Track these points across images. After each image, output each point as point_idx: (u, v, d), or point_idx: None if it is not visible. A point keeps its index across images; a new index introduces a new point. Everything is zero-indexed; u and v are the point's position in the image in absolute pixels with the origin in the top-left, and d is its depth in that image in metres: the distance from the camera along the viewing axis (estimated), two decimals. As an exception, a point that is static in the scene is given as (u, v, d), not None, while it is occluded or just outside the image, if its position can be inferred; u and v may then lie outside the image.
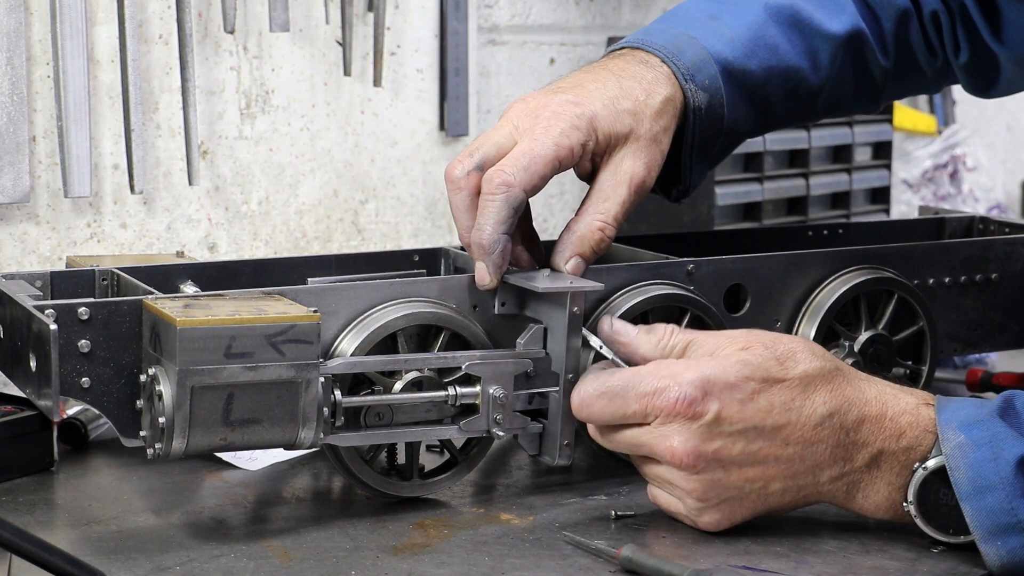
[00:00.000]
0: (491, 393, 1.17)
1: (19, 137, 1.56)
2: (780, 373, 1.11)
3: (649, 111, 1.25)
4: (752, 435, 1.10)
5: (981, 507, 1.06)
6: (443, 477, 1.23)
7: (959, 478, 1.07)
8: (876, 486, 1.11)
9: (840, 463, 1.11)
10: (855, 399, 1.11)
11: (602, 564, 1.09)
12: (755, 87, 1.35)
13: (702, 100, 1.30)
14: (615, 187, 1.23)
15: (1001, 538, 1.06)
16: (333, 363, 1.14)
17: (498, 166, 1.18)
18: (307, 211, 1.83)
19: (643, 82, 1.26)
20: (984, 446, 1.07)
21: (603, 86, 1.25)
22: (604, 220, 1.23)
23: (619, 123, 1.23)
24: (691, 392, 1.09)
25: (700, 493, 1.11)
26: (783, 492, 1.12)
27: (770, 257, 1.35)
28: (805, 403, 1.11)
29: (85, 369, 1.09)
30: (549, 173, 1.19)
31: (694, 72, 1.29)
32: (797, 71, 1.37)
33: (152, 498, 1.24)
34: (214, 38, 1.72)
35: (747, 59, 1.34)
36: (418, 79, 1.91)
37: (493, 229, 1.18)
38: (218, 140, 1.74)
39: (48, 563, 0.97)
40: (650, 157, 1.24)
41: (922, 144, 2.54)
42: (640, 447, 1.13)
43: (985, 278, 1.48)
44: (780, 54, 1.36)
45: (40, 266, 1.61)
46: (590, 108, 1.22)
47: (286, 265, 1.32)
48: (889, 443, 1.10)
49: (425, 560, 1.09)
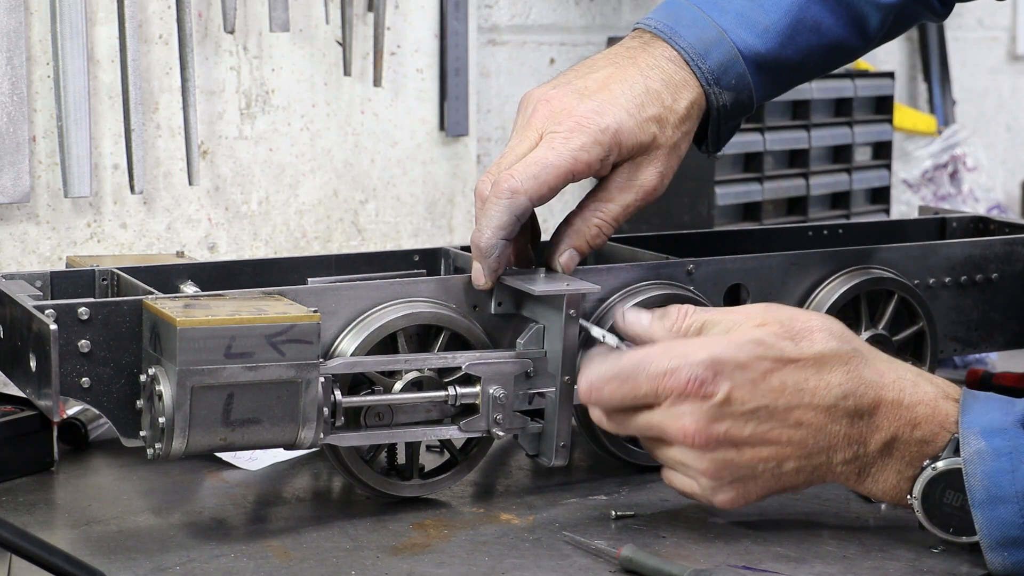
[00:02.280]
0: (491, 393, 1.17)
1: (19, 137, 1.56)
2: (794, 352, 1.09)
3: (674, 117, 1.23)
4: (763, 415, 1.09)
5: (992, 517, 1.06)
6: (443, 477, 1.23)
7: (974, 485, 1.06)
8: (885, 472, 1.10)
9: (854, 446, 1.10)
10: (872, 382, 1.10)
11: (602, 564, 1.09)
12: (791, 69, 1.31)
13: (727, 99, 1.27)
14: (623, 190, 1.22)
15: (1009, 549, 1.06)
16: (333, 363, 1.14)
17: (509, 170, 1.17)
18: (307, 211, 1.83)
19: (670, 84, 1.23)
20: (1003, 457, 1.06)
21: (630, 89, 1.22)
22: (603, 219, 1.22)
23: (643, 133, 1.21)
24: (701, 372, 1.08)
25: (713, 472, 1.10)
26: (797, 472, 1.11)
27: (770, 257, 1.35)
28: (820, 383, 1.09)
29: (85, 369, 1.09)
30: (560, 185, 1.17)
31: (720, 75, 1.26)
32: (839, 43, 1.32)
33: (152, 498, 1.24)
34: (214, 38, 1.72)
35: (782, 48, 1.28)
36: (418, 79, 1.91)
37: (492, 233, 1.17)
38: (218, 140, 1.74)
39: (48, 563, 0.97)
40: (667, 166, 1.23)
41: (922, 144, 2.54)
42: (652, 429, 1.11)
43: (985, 278, 1.48)
44: (823, 32, 1.31)
45: (40, 266, 1.61)
46: (615, 119, 1.19)
47: (286, 265, 1.32)
48: (903, 431, 1.09)
49: (425, 560, 1.09)
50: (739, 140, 1.91)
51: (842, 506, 1.22)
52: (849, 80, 2.06)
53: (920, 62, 2.71)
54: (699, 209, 1.89)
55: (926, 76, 2.70)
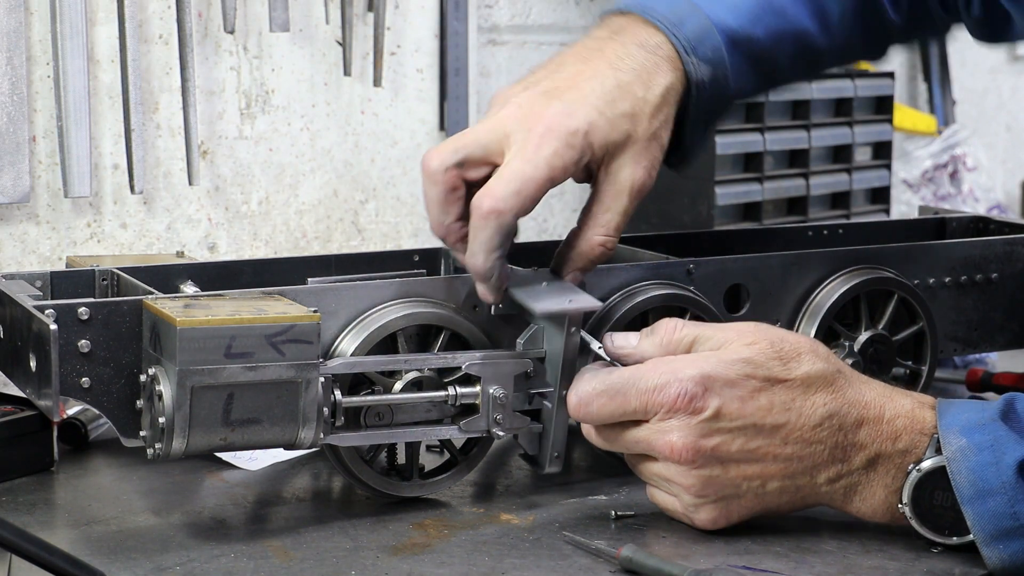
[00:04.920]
0: (491, 393, 1.17)
1: (19, 137, 1.56)
2: (783, 373, 1.11)
3: (648, 108, 1.20)
4: (751, 433, 1.10)
5: (983, 511, 1.06)
6: (443, 477, 1.23)
7: (960, 482, 1.07)
8: (872, 489, 1.11)
9: (838, 464, 1.11)
10: (855, 401, 1.11)
11: (602, 564, 1.09)
12: (762, 53, 1.30)
13: (705, 72, 1.24)
14: (615, 197, 1.20)
15: (1003, 542, 1.06)
16: (333, 363, 1.13)
17: (488, 189, 1.14)
18: (307, 211, 1.83)
19: (642, 73, 1.21)
20: (986, 450, 1.06)
21: (600, 85, 1.19)
22: (605, 234, 1.21)
23: (616, 130, 1.18)
24: (691, 388, 1.09)
25: (697, 489, 1.11)
26: (780, 492, 1.12)
27: (770, 257, 1.35)
28: (806, 404, 1.11)
29: (85, 369, 1.09)
30: (541, 195, 1.16)
31: (696, 44, 1.24)
32: (805, 33, 1.32)
33: (152, 498, 1.24)
34: (214, 38, 1.72)
35: (753, 25, 1.28)
36: (418, 79, 1.91)
37: (486, 257, 1.15)
38: (218, 140, 1.75)
39: (48, 563, 0.97)
40: (650, 158, 1.21)
41: (922, 144, 2.54)
42: (639, 444, 1.12)
43: (985, 278, 1.48)
44: (788, 17, 1.31)
45: (40, 266, 1.61)
46: (585, 119, 1.17)
47: (286, 265, 1.32)
48: (886, 446, 1.10)
49: (425, 560, 1.09)
50: (739, 140, 1.92)
51: (842, 506, 1.22)
52: (849, 80, 2.06)
53: (920, 62, 2.71)
54: (699, 209, 1.89)
55: (926, 76, 2.70)
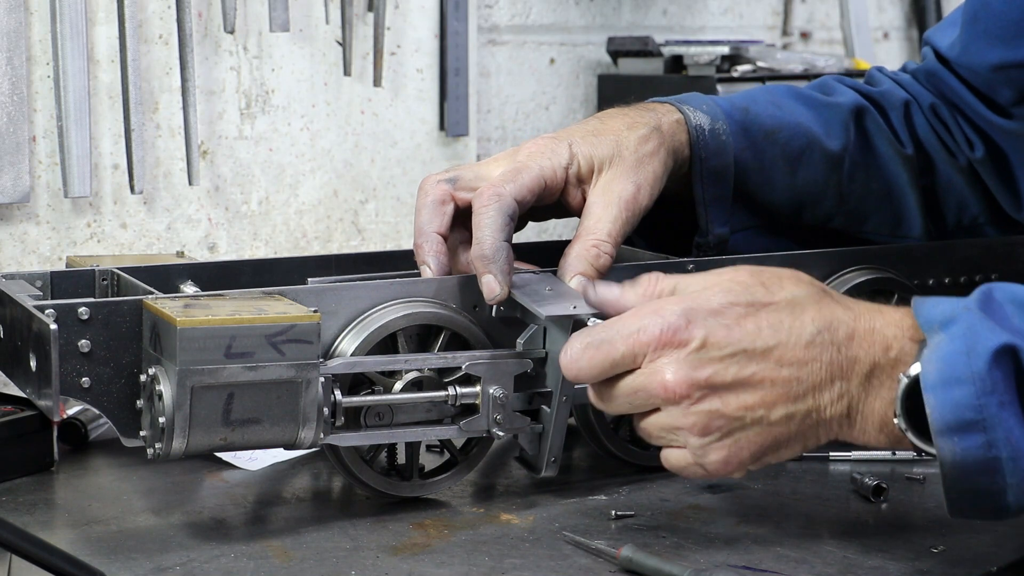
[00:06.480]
0: (491, 393, 1.17)
1: (19, 137, 1.56)
2: (766, 297, 1.09)
3: (633, 137, 1.27)
4: (743, 359, 1.08)
5: (946, 400, 1.03)
6: (443, 477, 1.23)
7: (928, 370, 1.03)
8: (872, 405, 1.08)
9: (838, 382, 1.08)
10: (843, 316, 1.09)
11: (602, 564, 1.09)
12: (762, 129, 1.37)
13: (703, 120, 1.32)
14: (605, 207, 1.24)
15: (960, 434, 1.02)
16: (333, 363, 1.14)
17: (487, 182, 1.22)
18: (307, 211, 1.83)
19: (626, 118, 1.29)
20: (958, 339, 1.03)
21: (583, 126, 1.29)
22: (597, 237, 1.22)
23: (599, 148, 1.26)
24: (674, 320, 1.07)
25: (700, 427, 1.08)
26: (787, 419, 1.09)
27: (770, 257, 1.35)
28: (794, 323, 1.08)
29: (85, 369, 1.09)
30: (536, 188, 1.22)
31: (687, 99, 1.34)
32: (808, 129, 1.39)
33: (152, 498, 1.24)
34: (214, 38, 1.73)
35: (748, 102, 1.38)
36: (418, 79, 1.91)
37: (493, 237, 1.18)
38: (218, 140, 1.75)
39: (48, 563, 0.97)
40: (639, 176, 1.26)
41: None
42: (636, 393, 1.10)
43: (985, 278, 1.48)
44: (784, 108, 1.39)
45: (40, 266, 1.61)
46: (568, 137, 1.26)
47: (286, 265, 1.32)
48: (879, 356, 1.08)
49: (425, 560, 1.10)
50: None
51: (842, 506, 1.22)
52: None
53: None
54: (699, 209, 1.89)
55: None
